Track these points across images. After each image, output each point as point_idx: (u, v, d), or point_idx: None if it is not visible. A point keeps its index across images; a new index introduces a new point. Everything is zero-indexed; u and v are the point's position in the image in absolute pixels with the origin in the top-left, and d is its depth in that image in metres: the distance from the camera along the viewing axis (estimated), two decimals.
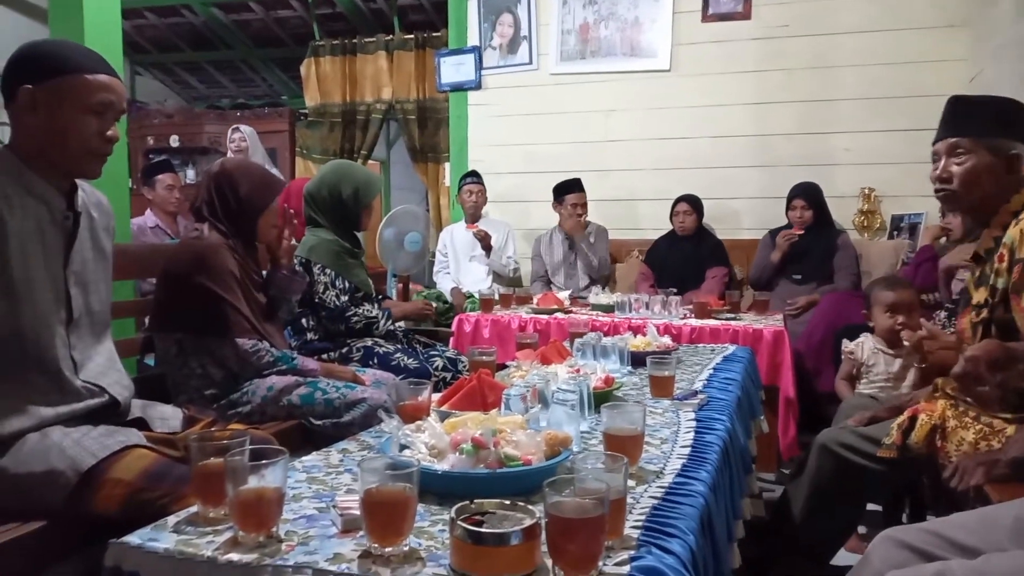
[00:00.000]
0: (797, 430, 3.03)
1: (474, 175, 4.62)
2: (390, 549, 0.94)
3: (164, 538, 1.01)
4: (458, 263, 4.63)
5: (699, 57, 4.59)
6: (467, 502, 0.96)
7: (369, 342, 2.71)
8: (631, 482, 1.18)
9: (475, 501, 0.97)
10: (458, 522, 0.90)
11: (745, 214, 4.57)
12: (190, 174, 7.07)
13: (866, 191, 4.34)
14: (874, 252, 4.09)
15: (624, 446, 1.26)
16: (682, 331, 3.05)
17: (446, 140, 5.70)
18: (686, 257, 4.14)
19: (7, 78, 1.45)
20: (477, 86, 5.07)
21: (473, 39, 5.09)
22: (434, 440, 1.20)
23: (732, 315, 3.25)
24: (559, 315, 3.34)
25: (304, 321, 2.70)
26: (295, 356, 2.21)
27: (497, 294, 3.67)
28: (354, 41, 6.53)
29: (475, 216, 4.57)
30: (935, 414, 1.76)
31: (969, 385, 1.50)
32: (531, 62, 4.94)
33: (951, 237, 3.14)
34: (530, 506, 0.95)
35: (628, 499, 1.06)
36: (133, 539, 1.01)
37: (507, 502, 0.97)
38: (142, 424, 1.59)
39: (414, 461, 1.08)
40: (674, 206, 4.23)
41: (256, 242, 2.28)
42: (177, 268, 2.08)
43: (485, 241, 4.36)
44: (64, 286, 1.50)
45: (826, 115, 4.38)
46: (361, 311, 2.71)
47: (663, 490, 1.20)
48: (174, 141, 7.12)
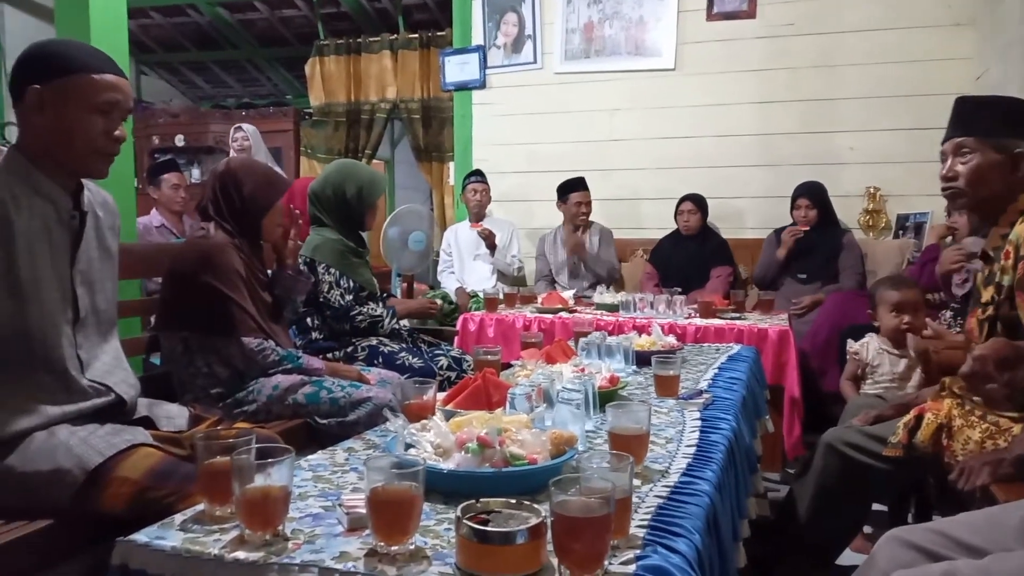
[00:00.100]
0: (802, 430, 3.03)
1: (478, 174, 4.61)
2: (396, 548, 0.94)
3: (171, 536, 1.01)
4: (462, 262, 4.63)
5: (704, 56, 4.58)
6: (473, 501, 0.96)
7: (374, 341, 2.71)
8: (636, 481, 1.18)
9: (481, 500, 0.97)
10: (464, 521, 0.90)
11: (750, 213, 4.56)
12: (195, 173, 7.08)
13: (871, 190, 4.32)
14: (879, 251, 4.07)
15: (629, 445, 1.25)
16: (687, 330, 3.05)
17: (450, 139, 5.69)
18: (691, 256, 4.13)
19: (15, 78, 1.45)
20: (481, 85, 5.07)
21: (477, 38, 5.09)
22: (439, 439, 1.21)
23: (737, 314, 3.24)
24: (564, 314, 3.33)
25: (309, 320, 2.70)
26: (300, 355, 2.22)
27: (501, 293, 3.67)
28: (359, 40, 6.53)
29: (479, 215, 4.57)
30: (941, 413, 1.75)
31: (977, 384, 1.50)
32: (535, 61, 4.93)
33: (957, 236, 3.12)
34: (536, 505, 0.95)
35: (633, 498, 1.06)
36: (140, 537, 1.01)
37: (513, 501, 0.97)
38: (148, 423, 1.60)
39: (420, 460, 1.08)
40: (678, 205, 4.23)
41: (261, 241, 2.28)
42: (183, 267, 2.08)
43: (489, 239, 4.35)
44: (70, 285, 1.51)
45: (831, 114, 4.37)
46: (366, 310, 2.71)
47: (668, 489, 1.20)
48: (179, 140, 7.13)
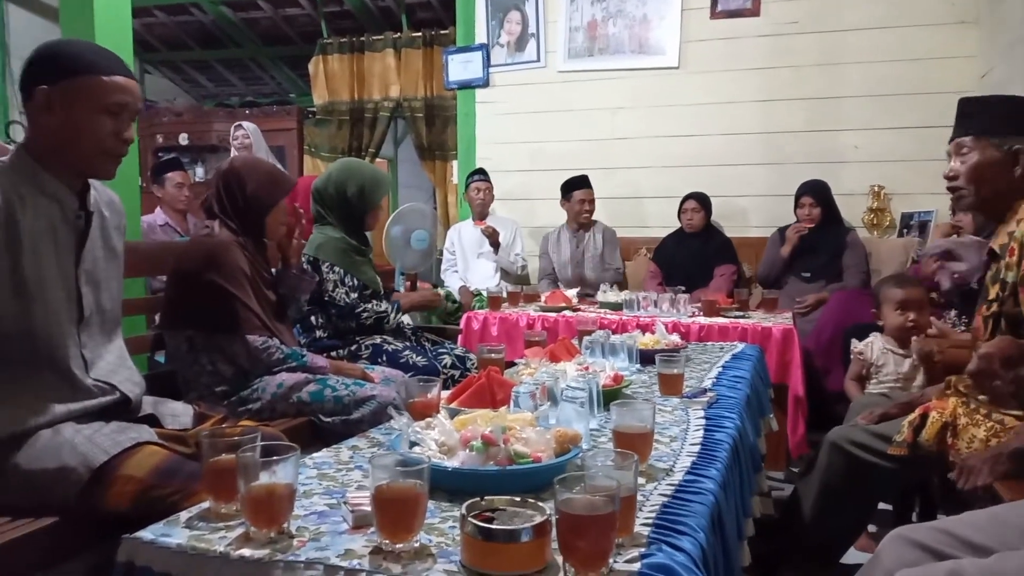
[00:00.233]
0: (806, 428, 3.03)
1: (481, 173, 4.61)
2: (401, 545, 0.94)
3: (176, 533, 1.02)
4: (466, 261, 4.63)
5: (707, 54, 4.57)
6: (477, 499, 0.96)
7: (378, 339, 2.72)
8: (641, 480, 1.18)
9: (485, 498, 0.97)
10: (469, 519, 0.90)
11: (753, 212, 4.55)
12: (199, 172, 7.08)
13: (875, 189, 4.32)
14: (884, 250, 4.07)
15: (634, 444, 1.25)
16: (691, 329, 3.04)
17: (454, 138, 5.69)
18: (694, 255, 4.13)
19: (25, 79, 1.46)
20: (485, 84, 5.06)
21: (481, 37, 5.08)
22: (444, 437, 1.21)
23: (741, 313, 3.24)
24: (567, 313, 3.33)
25: (313, 319, 2.71)
26: (304, 353, 2.22)
27: (505, 292, 3.67)
28: (362, 39, 6.53)
29: (482, 214, 4.57)
30: (946, 411, 1.75)
31: (983, 382, 1.50)
32: (539, 60, 4.93)
33: (961, 235, 3.11)
34: (540, 503, 0.95)
35: (638, 497, 1.06)
36: (146, 534, 1.01)
37: (517, 499, 0.97)
38: (153, 421, 1.60)
39: (424, 458, 1.08)
40: (682, 204, 4.22)
41: (265, 239, 2.28)
42: (188, 265, 2.09)
43: (493, 238, 4.36)
44: (75, 285, 1.51)
45: (835, 112, 4.36)
46: (371, 306, 2.72)
47: (673, 488, 1.20)
48: (183, 139, 7.14)
